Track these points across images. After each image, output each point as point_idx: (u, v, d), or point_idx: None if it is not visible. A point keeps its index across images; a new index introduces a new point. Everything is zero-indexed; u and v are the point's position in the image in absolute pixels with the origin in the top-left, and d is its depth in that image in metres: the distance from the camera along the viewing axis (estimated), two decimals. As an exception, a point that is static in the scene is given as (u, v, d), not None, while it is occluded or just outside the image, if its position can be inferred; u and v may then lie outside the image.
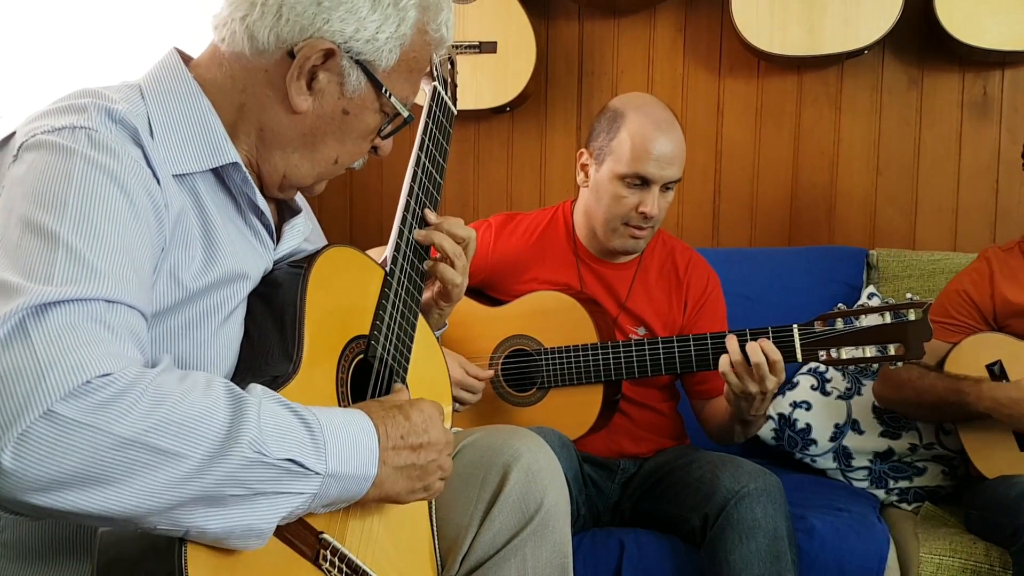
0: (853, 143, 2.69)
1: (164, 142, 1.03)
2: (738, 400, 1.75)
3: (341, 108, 1.11)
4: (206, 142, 1.07)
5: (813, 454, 2.26)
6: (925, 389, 1.97)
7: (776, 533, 1.66)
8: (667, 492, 1.84)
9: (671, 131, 1.88)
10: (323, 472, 0.93)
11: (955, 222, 2.65)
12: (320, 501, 0.95)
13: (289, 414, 0.94)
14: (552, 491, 1.30)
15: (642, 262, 2.01)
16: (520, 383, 1.93)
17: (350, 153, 1.17)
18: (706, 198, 2.78)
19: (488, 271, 2.01)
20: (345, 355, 1.13)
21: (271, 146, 1.12)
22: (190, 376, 0.90)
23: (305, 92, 1.08)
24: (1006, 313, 2.00)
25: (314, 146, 1.13)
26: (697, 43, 2.75)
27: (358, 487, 0.99)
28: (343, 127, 1.13)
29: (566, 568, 1.32)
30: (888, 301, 1.75)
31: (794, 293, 2.39)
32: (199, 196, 1.06)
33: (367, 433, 1.00)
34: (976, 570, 1.78)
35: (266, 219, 1.14)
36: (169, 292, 1.01)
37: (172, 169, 1.02)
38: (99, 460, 0.81)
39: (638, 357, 1.84)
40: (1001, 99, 2.60)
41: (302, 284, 1.08)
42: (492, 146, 2.89)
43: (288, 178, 1.15)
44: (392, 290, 1.22)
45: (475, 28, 2.65)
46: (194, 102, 1.08)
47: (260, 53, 1.07)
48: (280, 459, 0.90)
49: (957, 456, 2.16)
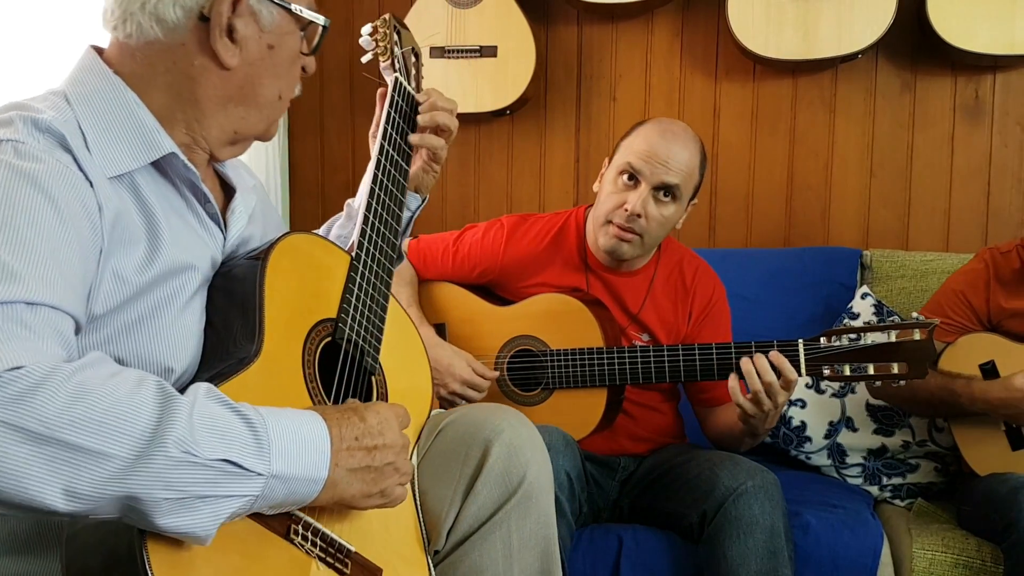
0: (847, 145, 2.69)
1: (97, 145, 1.03)
2: (749, 419, 1.75)
3: (266, 44, 1.13)
4: (139, 138, 1.07)
5: (808, 451, 2.27)
6: (919, 386, 1.97)
7: (773, 529, 1.67)
8: (666, 489, 1.85)
9: (676, 139, 1.87)
10: (266, 473, 0.91)
11: (947, 223, 2.66)
12: (264, 503, 0.93)
13: (230, 414, 0.91)
14: (534, 464, 1.30)
15: (656, 274, 1.99)
16: (525, 383, 1.93)
17: (288, 84, 1.19)
18: (703, 199, 2.77)
19: (498, 271, 2.01)
20: (311, 337, 1.12)
21: (213, 111, 1.13)
22: (121, 373, 0.89)
23: (231, 46, 1.10)
24: (1001, 315, 2.01)
25: (255, 92, 1.14)
26: (694, 47, 2.76)
27: (307, 489, 0.96)
28: (274, 62, 1.14)
29: (550, 540, 1.34)
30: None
31: (789, 293, 2.39)
32: (139, 192, 1.07)
33: (319, 434, 0.97)
34: (968, 565, 1.79)
35: (211, 206, 1.15)
36: (115, 291, 1.01)
37: (108, 171, 1.03)
38: (13, 457, 0.79)
39: (643, 364, 1.84)
40: (993, 103, 2.61)
41: (260, 269, 1.09)
42: (492, 149, 2.90)
43: (240, 132, 1.17)
44: (359, 273, 1.22)
45: (476, 33, 2.66)
46: (120, 98, 1.08)
47: (173, 30, 1.08)
48: (213, 459, 0.87)
49: (949, 453, 2.17)
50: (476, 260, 2.02)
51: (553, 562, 1.34)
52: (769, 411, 1.71)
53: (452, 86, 2.69)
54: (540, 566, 1.32)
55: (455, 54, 2.68)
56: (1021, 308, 1.99)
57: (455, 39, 2.68)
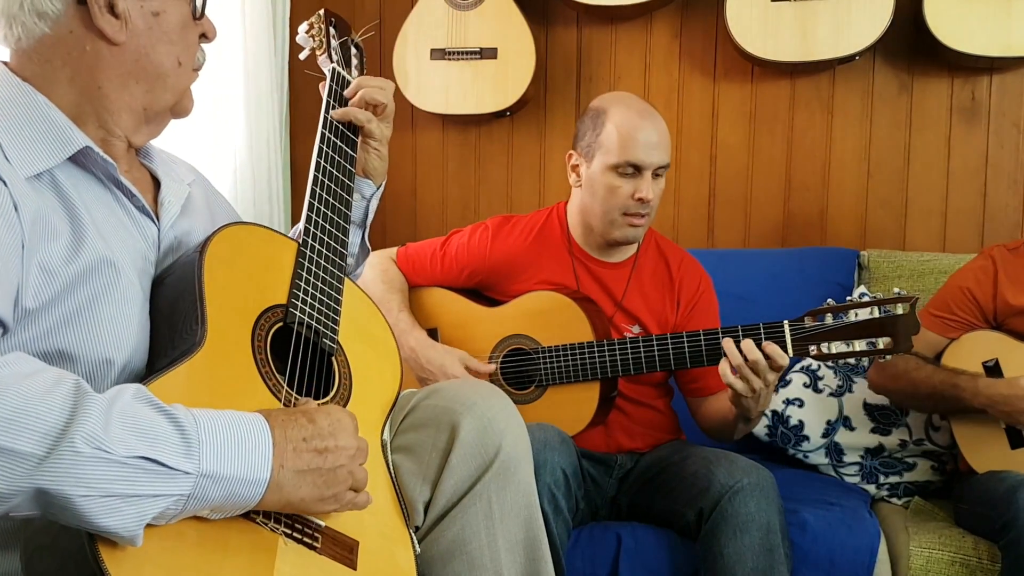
0: (845, 147, 2.70)
1: (12, 148, 1.04)
2: (741, 399, 1.76)
3: (150, 12, 1.14)
4: (52, 135, 1.08)
5: (806, 450, 2.28)
6: (921, 380, 1.98)
7: (769, 527, 1.67)
8: (663, 487, 1.86)
9: (653, 118, 1.92)
10: (195, 472, 0.89)
11: (944, 224, 2.66)
12: (199, 504, 0.91)
13: (155, 413, 0.90)
14: (510, 435, 1.28)
15: (637, 261, 2.02)
16: (519, 381, 1.94)
17: (185, 50, 1.19)
18: (701, 200, 2.80)
19: (487, 271, 2.03)
20: (260, 323, 1.12)
21: (117, 93, 1.14)
22: (39, 373, 0.88)
23: (115, 22, 1.11)
24: (1006, 313, 2.01)
25: (152, 63, 1.15)
26: (692, 49, 2.77)
27: (248, 492, 0.94)
28: (164, 29, 1.15)
29: (532, 510, 1.32)
30: (877, 296, 1.77)
31: (787, 293, 2.39)
32: (60, 188, 1.08)
33: (258, 434, 0.96)
34: (965, 563, 1.79)
35: (137, 199, 1.16)
36: (45, 284, 1.02)
37: (24, 172, 1.04)
38: None
39: (633, 354, 1.85)
40: (989, 104, 2.62)
41: (198, 260, 1.09)
42: (493, 149, 2.91)
43: (149, 108, 1.18)
44: (307, 258, 1.22)
45: (476, 35, 2.68)
46: (31, 102, 1.10)
47: (57, 21, 1.10)
48: (130, 457, 0.86)
49: (946, 452, 2.18)
50: (464, 262, 2.05)
51: (538, 528, 1.33)
52: (760, 390, 1.72)
53: (453, 88, 2.71)
54: (525, 535, 1.31)
55: (456, 56, 2.69)
56: (1028, 306, 2.00)
57: (456, 41, 2.69)
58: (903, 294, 1.74)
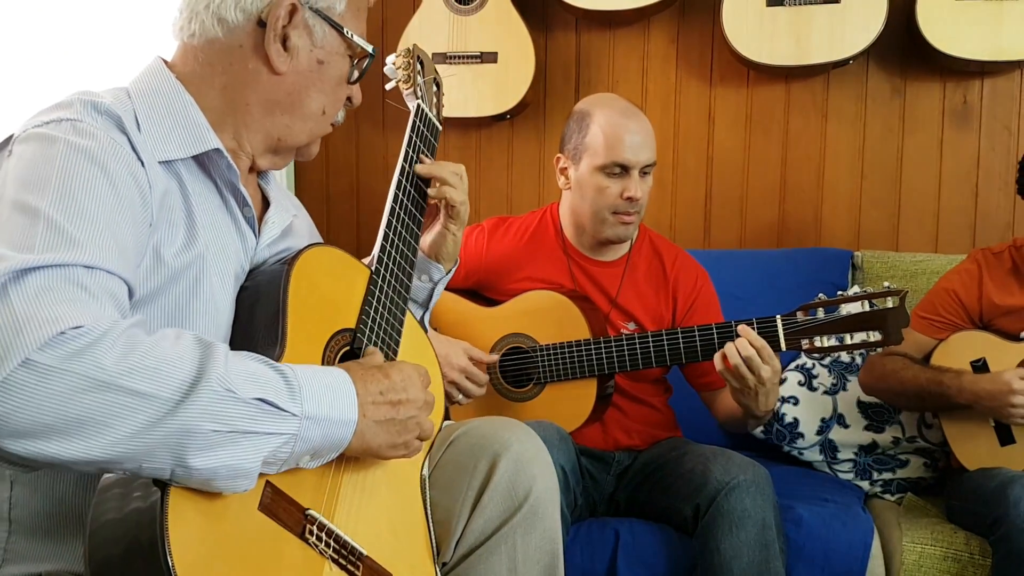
0: (839, 149, 2.72)
1: (149, 132, 1.09)
2: (741, 397, 1.77)
3: (316, 59, 1.18)
4: (188, 132, 1.12)
5: (800, 447, 2.30)
6: (908, 379, 2.00)
7: (765, 523, 1.69)
8: (660, 483, 1.87)
9: (637, 118, 1.94)
10: (299, 414, 0.96)
11: (936, 225, 2.68)
12: (304, 445, 0.98)
13: (260, 363, 0.97)
14: (541, 479, 1.31)
15: (630, 260, 2.04)
16: (517, 379, 1.96)
17: (332, 102, 1.23)
18: (698, 201, 2.81)
19: (483, 272, 2.05)
20: (330, 346, 1.15)
21: (260, 116, 1.18)
22: (160, 331, 0.94)
23: (283, 53, 1.15)
24: (993, 313, 2.03)
25: (301, 102, 1.19)
26: (689, 53, 2.78)
27: (341, 432, 1.01)
28: (322, 77, 1.20)
29: (556, 555, 1.34)
30: (867, 290, 1.79)
31: (782, 293, 2.39)
32: (183, 182, 1.12)
33: (344, 383, 1.03)
34: (957, 558, 1.81)
35: (249, 210, 1.19)
36: (154, 271, 1.06)
37: (157, 156, 1.08)
38: (77, 404, 0.84)
39: (629, 351, 1.87)
40: (981, 107, 2.64)
41: (285, 276, 1.12)
42: (493, 152, 2.92)
43: (283, 140, 1.21)
44: (378, 287, 1.24)
45: (476, 39, 2.70)
46: (176, 97, 1.14)
47: (232, 31, 1.14)
48: (251, 398, 0.92)
49: (938, 449, 2.19)
50: (461, 263, 2.07)
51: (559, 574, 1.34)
52: (755, 386, 1.73)
53: (453, 91, 2.72)
54: None
55: (456, 59, 2.72)
56: (1013, 306, 2.01)
57: (456, 45, 2.71)
58: (892, 287, 1.75)
